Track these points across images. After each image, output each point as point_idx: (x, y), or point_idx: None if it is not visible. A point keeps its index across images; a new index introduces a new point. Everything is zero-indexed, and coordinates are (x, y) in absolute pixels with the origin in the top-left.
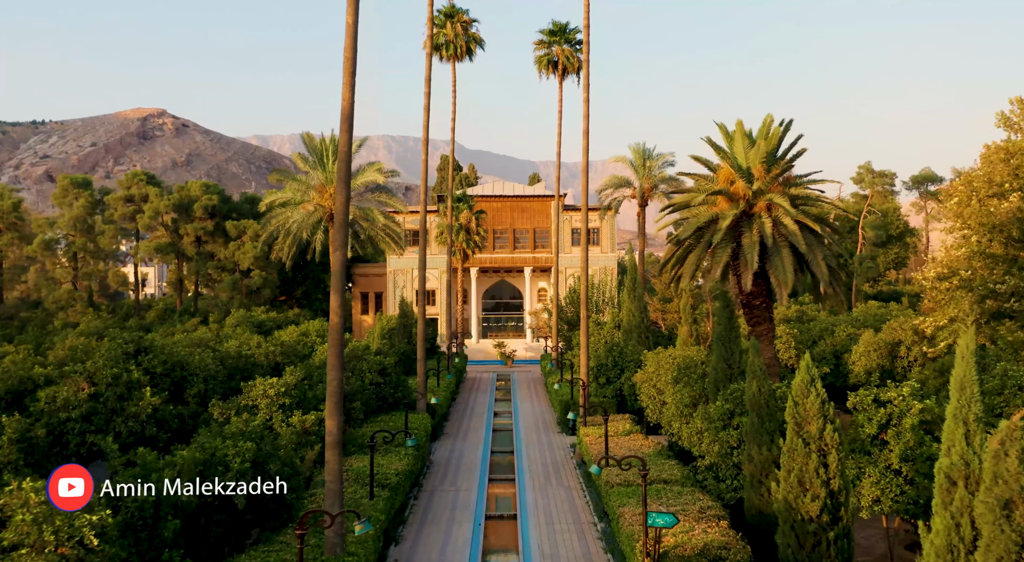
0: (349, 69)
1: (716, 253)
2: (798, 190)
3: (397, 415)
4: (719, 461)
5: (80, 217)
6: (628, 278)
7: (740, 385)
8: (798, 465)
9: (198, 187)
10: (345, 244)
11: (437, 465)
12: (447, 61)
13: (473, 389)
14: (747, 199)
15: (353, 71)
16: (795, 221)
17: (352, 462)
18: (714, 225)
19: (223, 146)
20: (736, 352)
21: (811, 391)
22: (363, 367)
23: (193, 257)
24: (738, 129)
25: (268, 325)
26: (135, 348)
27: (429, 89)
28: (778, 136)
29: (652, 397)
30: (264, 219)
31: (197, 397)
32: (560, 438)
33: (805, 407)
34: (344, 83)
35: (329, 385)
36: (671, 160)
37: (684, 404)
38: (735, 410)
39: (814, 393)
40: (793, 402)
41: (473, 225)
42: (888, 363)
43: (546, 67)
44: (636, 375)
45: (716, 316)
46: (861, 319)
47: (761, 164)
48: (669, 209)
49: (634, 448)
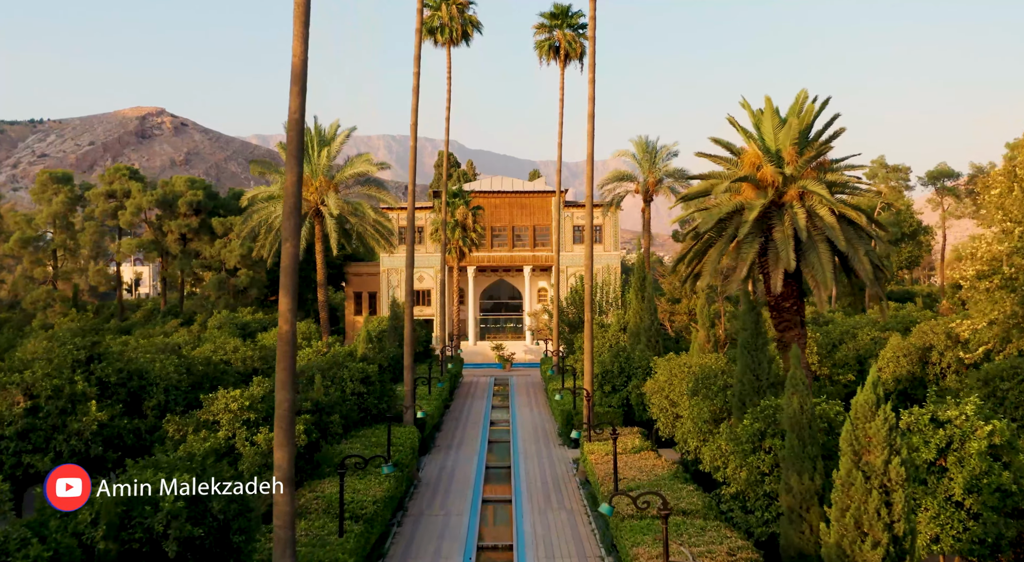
0: (301, 17)
1: (741, 248)
2: (834, 176)
3: (381, 428)
4: (748, 489)
5: (60, 213)
6: (635, 277)
7: (771, 401)
8: (855, 503)
9: (183, 182)
10: (296, 233)
11: (426, 484)
12: (442, 46)
13: (469, 394)
14: (776, 187)
15: (306, 21)
16: (833, 212)
17: (325, 487)
18: (738, 216)
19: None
20: (764, 361)
21: (877, 414)
22: (344, 376)
23: (177, 255)
24: (767, 106)
25: (253, 327)
26: (87, 355)
27: (418, 69)
28: (812, 114)
29: (664, 409)
30: (245, 214)
31: (157, 409)
32: (561, 451)
33: (867, 433)
34: (295, 35)
35: (278, 408)
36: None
37: (703, 420)
38: (767, 430)
39: (881, 417)
40: (851, 425)
41: (470, 221)
42: (919, 370)
43: (547, 53)
44: (646, 384)
45: (741, 320)
46: (881, 321)
47: (792, 146)
48: (685, 199)
49: (646, 469)
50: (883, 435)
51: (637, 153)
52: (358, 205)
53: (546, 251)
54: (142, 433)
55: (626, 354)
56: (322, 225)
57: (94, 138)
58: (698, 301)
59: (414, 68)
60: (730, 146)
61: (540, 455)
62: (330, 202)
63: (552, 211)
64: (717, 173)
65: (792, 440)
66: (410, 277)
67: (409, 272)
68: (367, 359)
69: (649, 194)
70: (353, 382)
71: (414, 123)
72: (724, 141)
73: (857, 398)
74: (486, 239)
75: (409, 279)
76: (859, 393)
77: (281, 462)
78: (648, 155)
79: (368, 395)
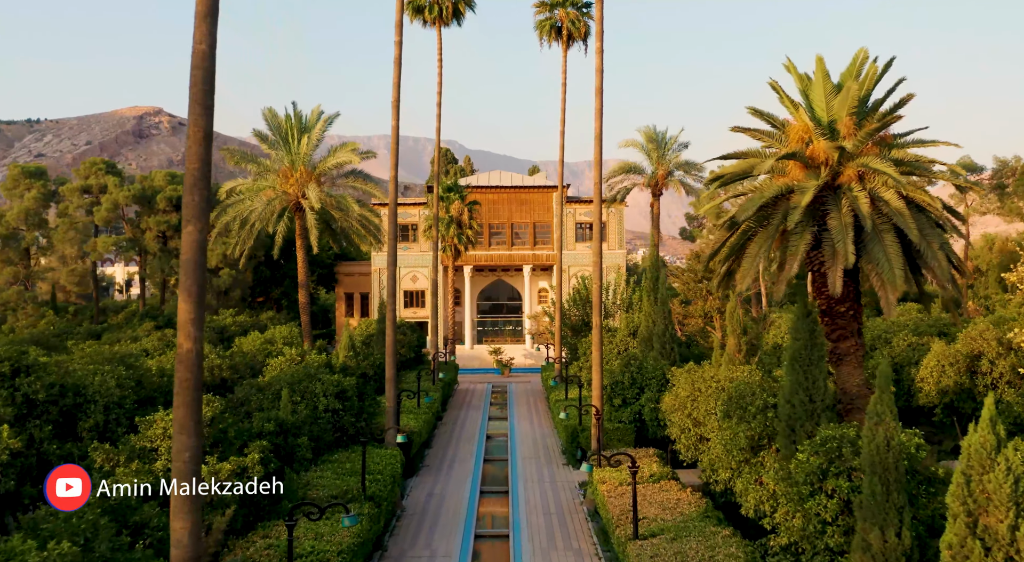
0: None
1: (790, 240)
2: (900, 153)
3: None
4: (804, 542)
5: (32, 210)
6: (647, 276)
7: (835, 430)
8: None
9: (162, 177)
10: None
11: (411, 514)
12: (431, 26)
13: (464, 404)
14: (831, 165)
15: None
16: (901, 196)
17: (283, 532)
18: (784, 202)
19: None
20: (820, 379)
21: (997, 462)
22: (316, 390)
23: (156, 254)
24: (818, 69)
25: (232, 331)
26: (12, 367)
27: (400, 38)
28: (875, 77)
29: (686, 429)
30: (218, 208)
31: (95, 431)
32: (566, 473)
33: (985, 488)
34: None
35: (175, 459)
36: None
37: (738, 447)
38: (829, 468)
39: (1002, 465)
40: (963, 477)
41: (465, 218)
42: (967, 380)
43: (548, 33)
44: (664, 399)
45: (791, 328)
46: (911, 324)
47: (849, 117)
48: (720, 182)
49: (669, 505)
50: (1007, 491)
51: (645, 143)
52: (342, 198)
53: (547, 249)
54: (75, 459)
55: (638, 363)
56: (303, 220)
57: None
58: (728, 304)
59: (395, 37)
60: (771, 118)
61: (542, 478)
62: (311, 195)
63: (553, 207)
64: (755, 151)
65: (873, 484)
66: (392, 275)
67: (391, 270)
68: (347, 370)
69: (658, 187)
70: (327, 397)
71: (396, 98)
72: (765, 112)
73: (969, 439)
74: (483, 237)
75: (391, 278)
76: (971, 432)
77: (180, 536)
78: (657, 145)
79: (345, 412)
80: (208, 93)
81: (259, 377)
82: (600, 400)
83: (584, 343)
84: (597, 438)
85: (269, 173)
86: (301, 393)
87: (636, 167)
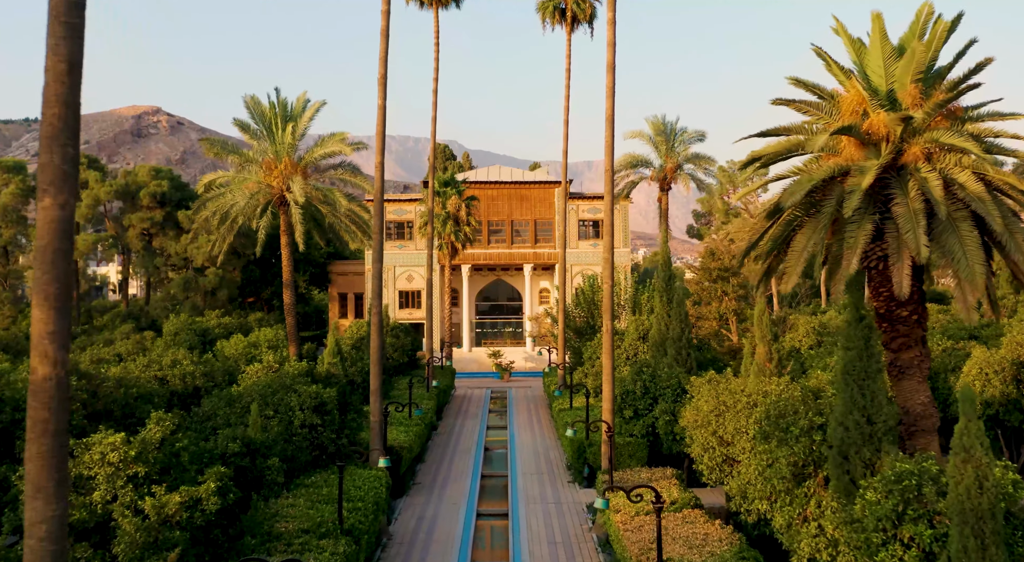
0: None
1: (847, 231)
2: (973, 127)
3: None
4: None
5: (9, 206)
6: (658, 275)
7: (911, 464)
8: None
9: (146, 172)
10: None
11: (398, 543)
12: (428, 7)
13: (461, 412)
14: (893, 141)
15: None
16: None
17: None
18: (837, 185)
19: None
20: (880, 395)
21: None
22: (292, 403)
23: (140, 252)
24: (874, 28)
25: (215, 333)
26: None
27: (388, 6)
28: (943, 37)
29: (710, 448)
30: (198, 203)
31: None
32: (572, 492)
33: None
34: None
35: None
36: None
37: (779, 476)
38: (906, 511)
39: None
40: None
41: (463, 214)
42: (1014, 390)
43: (551, 15)
44: (683, 414)
45: (843, 336)
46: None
47: (914, 85)
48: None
49: (696, 542)
50: None
51: (653, 135)
52: (329, 191)
53: (548, 248)
54: (10, 484)
55: (651, 370)
56: (287, 215)
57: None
58: (757, 306)
59: (383, 5)
60: (818, 89)
61: (545, 499)
62: (295, 188)
63: (555, 203)
64: (798, 126)
65: (965, 537)
66: (378, 273)
67: (377, 267)
68: (330, 378)
69: (667, 182)
70: (304, 411)
71: (383, 74)
72: (809, 83)
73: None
74: (482, 234)
75: (376, 276)
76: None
77: None
78: (665, 137)
79: (324, 428)
80: (75, 5)
81: (235, 385)
82: (611, 414)
83: (589, 347)
84: (609, 458)
85: (252, 165)
86: (275, 406)
87: (643, 160)
